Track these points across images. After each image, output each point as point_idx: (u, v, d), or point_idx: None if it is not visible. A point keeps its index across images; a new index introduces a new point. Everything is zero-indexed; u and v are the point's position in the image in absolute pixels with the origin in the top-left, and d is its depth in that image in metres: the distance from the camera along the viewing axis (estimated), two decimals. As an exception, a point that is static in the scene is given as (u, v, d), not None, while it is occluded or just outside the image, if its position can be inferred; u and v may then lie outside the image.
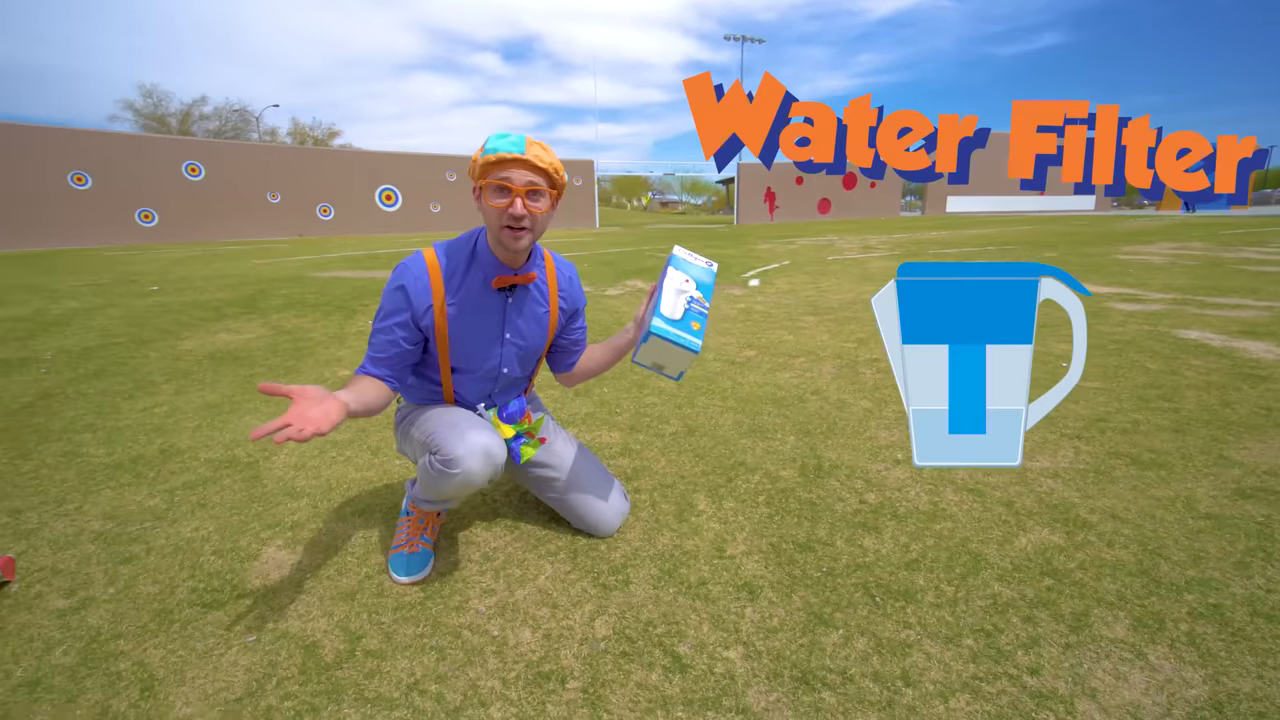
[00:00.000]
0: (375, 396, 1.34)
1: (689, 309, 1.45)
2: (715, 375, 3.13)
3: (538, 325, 1.54)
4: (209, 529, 1.70)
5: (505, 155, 1.29)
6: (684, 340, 1.42)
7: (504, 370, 1.52)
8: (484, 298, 1.45)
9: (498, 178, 1.30)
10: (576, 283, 1.63)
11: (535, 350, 1.56)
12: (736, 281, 6.89)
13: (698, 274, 1.52)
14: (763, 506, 1.77)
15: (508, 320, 1.49)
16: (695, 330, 1.44)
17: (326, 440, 2.33)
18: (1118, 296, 5.37)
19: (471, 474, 1.31)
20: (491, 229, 1.37)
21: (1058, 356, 3.32)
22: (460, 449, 1.31)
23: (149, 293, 6.74)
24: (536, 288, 1.52)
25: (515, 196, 1.31)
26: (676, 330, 1.43)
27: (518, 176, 1.31)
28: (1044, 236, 13.34)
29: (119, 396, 2.96)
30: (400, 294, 1.38)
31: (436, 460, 1.33)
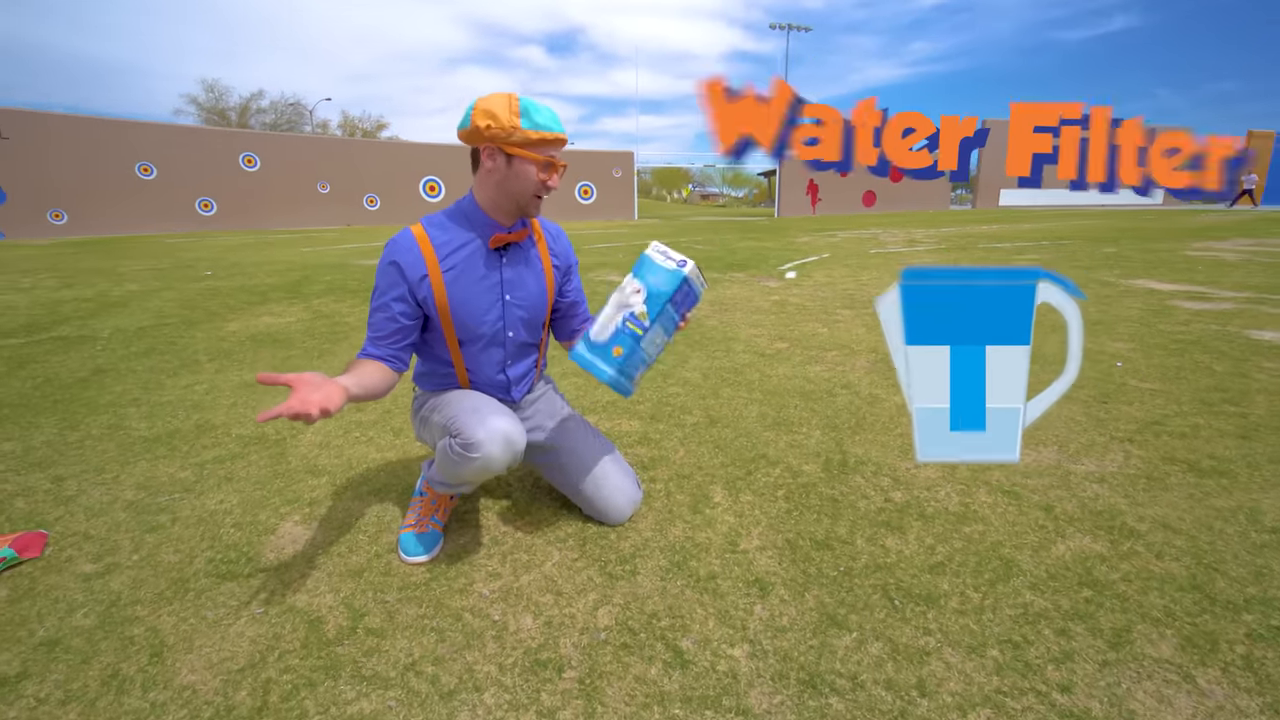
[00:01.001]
0: (377, 379, 1.34)
1: (619, 329, 1.34)
2: (743, 367, 3.06)
3: (536, 284, 1.54)
4: (232, 502, 1.74)
5: (561, 136, 1.35)
6: (596, 369, 1.35)
7: (510, 334, 1.51)
8: (480, 260, 1.45)
9: (547, 154, 1.35)
10: (564, 239, 1.65)
11: (538, 309, 1.55)
12: (773, 273, 6.75)
13: (656, 281, 1.33)
14: (781, 501, 1.71)
15: (505, 280, 1.48)
16: (615, 357, 1.33)
17: (351, 420, 2.37)
18: (1184, 294, 5.03)
19: (491, 459, 1.30)
20: (520, 194, 1.39)
21: (1111, 355, 3.12)
22: (481, 433, 1.30)
23: (202, 277, 7.02)
24: (530, 247, 1.54)
25: (555, 171, 1.37)
26: (591, 356, 1.36)
27: (559, 154, 1.37)
28: (1104, 231, 12.66)
29: (164, 374, 3.08)
30: (393, 269, 1.39)
31: (457, 444, 1.32)
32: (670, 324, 1.39)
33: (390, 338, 1.40)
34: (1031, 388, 1.20)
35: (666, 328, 1.39)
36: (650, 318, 1.33)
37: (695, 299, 1.41)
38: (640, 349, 1.34)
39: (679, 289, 1.34)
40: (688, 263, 1.34)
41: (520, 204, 1.40)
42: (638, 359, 1.36)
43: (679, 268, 1.34)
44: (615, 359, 1.34)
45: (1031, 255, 7.99)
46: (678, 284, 1.33)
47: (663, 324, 1.36)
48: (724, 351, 3.37)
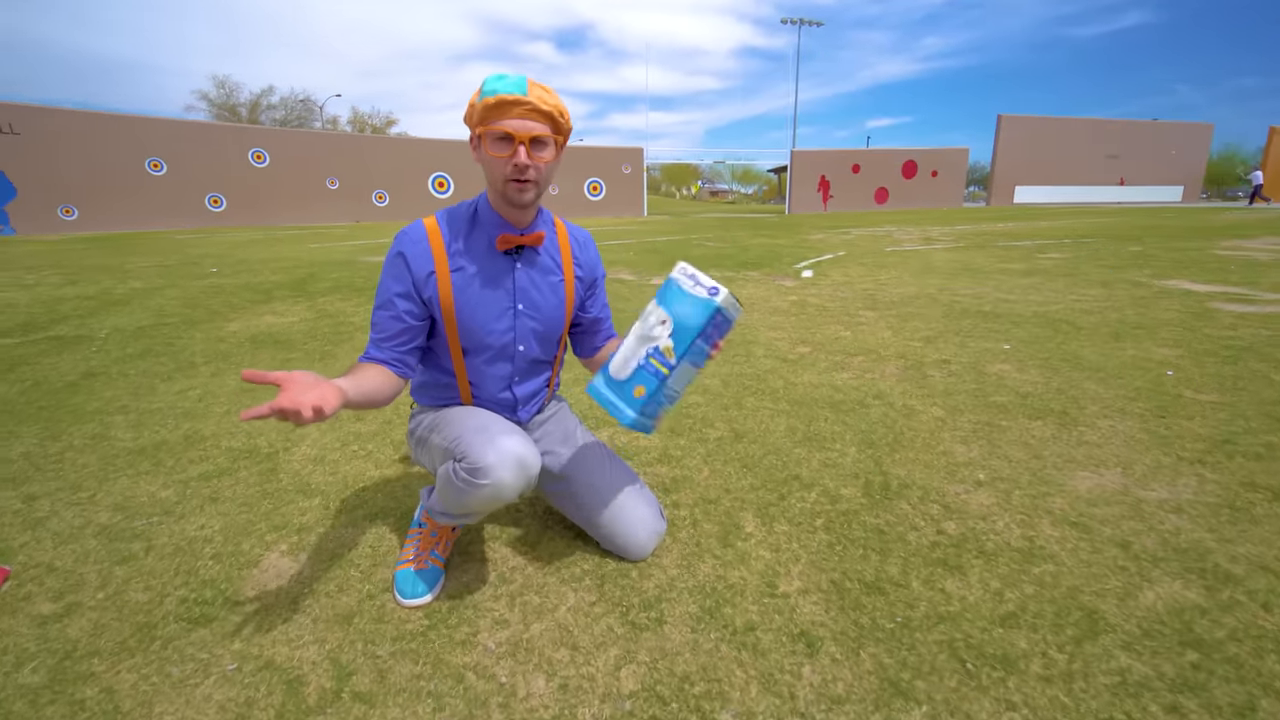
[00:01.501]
0: (379, 385, 1.19)
1: (642, 366, 1.18)
2: (765, 374, 2.88)
3: (553, 295, 1.37)
4: (214, 527, 1.58)
5: (505, 98, 1.14)
6: (616, 410, 1.20)
7: (520, 348, 1.35)
8: (490, 263, 1.29)
9: (499, 124, 1.16)
10: (593, 249, 1.47)
11: (553, 324, 1.38)
12: (788, 272, 6.55)
13: (684, 311, 1.16)
14: (821, 532, 1.53)
15: (518, 288, 1.32)
16: (636, 398, 1.18)
17: (349, 431, 2.21)
18: (1222, 296, 4.79)
19: (502, 486, 1.13)
20: (494, 183, 1.23)
21: (1159, 363, 2.92)
22: (491, 456, 1.13)
23: (207, 275, 6.91)
24: (548, 253, 1.36)
25: (518, 145, 1.17)
26: (610, 394, 1.21)
27: (519, 124, 1.16)
28: (1126, 229, 12.35)
29: (158, 378, 2.94)
30: (399, 261, 1.25)
31: (462, 468, 1.15)
32: (700, 357, 1.21)
33: (395, 339, 1.26)
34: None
35: (696, 361, 1.21)
36: (678, 354, 1.16)
37: (729, 327, 1.23)
38: (665, 388, 1.18)
39: (710, 321, 1.15)
40: (720, 290, 1.16)
41: (501, 194, 1.23)
42: (661, 398, 1.20)
43: (710, 297, 1.15)
44: (636, 400, 1.18)
45: (1053, 254, 7.73)
46: (709, 316, 1.15)
47: (691, 359, 1.19)
48: (744, 356, 3.20)
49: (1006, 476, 1.82)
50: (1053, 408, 2.37)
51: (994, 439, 2.09)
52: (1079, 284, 5.45)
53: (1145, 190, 28.44)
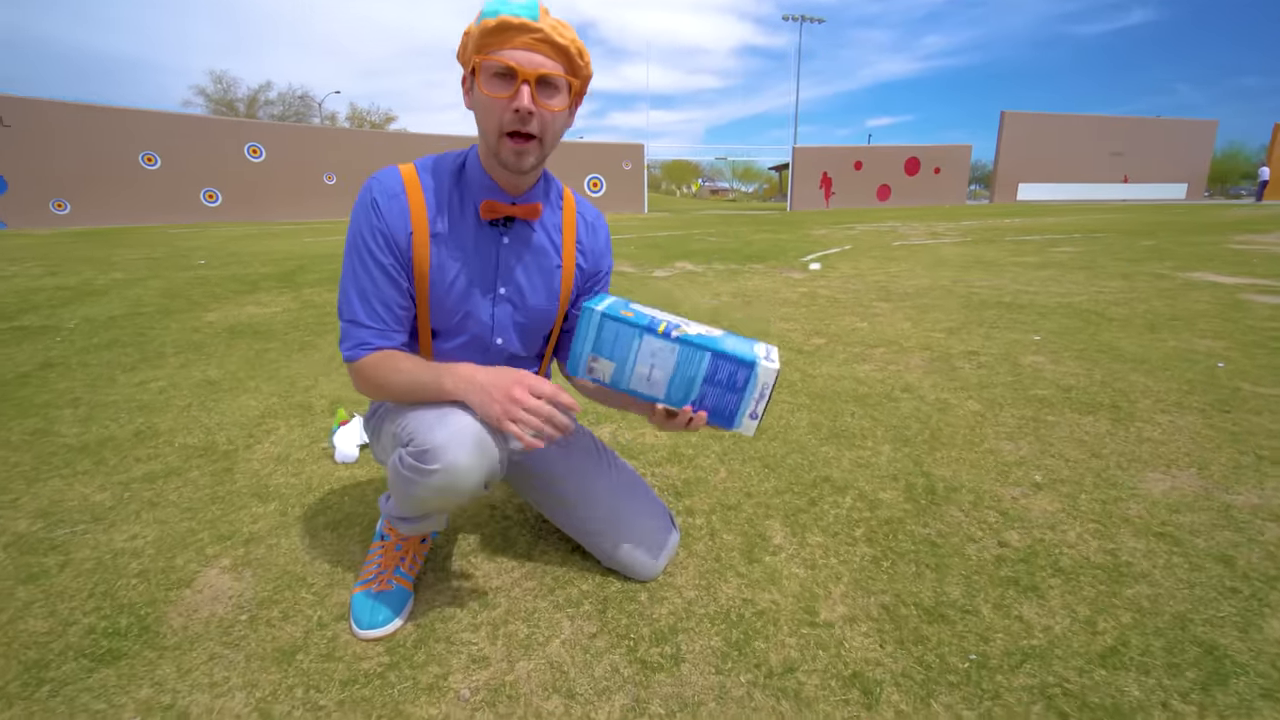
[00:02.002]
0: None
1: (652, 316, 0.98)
2: (781, 365, 2.64)
3: (544, 282, 1.11)
4: (148, 538, 1.34)
5: (510, 20, 0.87)
6: (590, 304, 0.98)
7: (497, 340, 1.10)
8: (472, 232, 1.03)
9: (498, 55, 0.89)
10: (603, 234, 1.19)
11: (540, 317, 1.13)
12: (795, 265, 6.32)
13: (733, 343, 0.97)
14: (863, 544, 1.30)
15: (502, 267, 1.06)
16: (619, 314, 0.96)
17: (321, 428, 1.98)
18: (1252, 288, 4.56)
19: (456, 471, 0.90)
20: (487, 134, 0.96)
21: (1206, 354, 2.69)
22: (440, 434, 0.90)
23: (194, 266, 6.67)
24: (545, 232, 1.10)
25: (522, 84, 0.90)
26: (598, 307, 0.98)
27: (525, 56, 0.90)
28: (1135, 225, 12.11)
29: (119, 369, 2.70)
30: (374, 214, 0.98)
31: (408, 453, 0.92)
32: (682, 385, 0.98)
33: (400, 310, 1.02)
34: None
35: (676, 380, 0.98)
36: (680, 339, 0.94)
37: (729, 415, 0.98)
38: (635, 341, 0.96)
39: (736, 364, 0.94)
40: (776, 363, 0.95)
41: (494, 151, 0.96)
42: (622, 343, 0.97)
43: (759, 358, 0.94)
44: (618, 314, 0.96)
45: (1065, 248, 7.50)
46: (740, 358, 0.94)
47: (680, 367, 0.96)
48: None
49: (1067, 478, 1.59)
50: (1101, 401, 2.14)
51: (1043, 435, 1.86)
52: (1099, 276, 5.22)
53: (1149, 188, 28.20)
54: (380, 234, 0.98)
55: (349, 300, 1.00)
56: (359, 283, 0.99)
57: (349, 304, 1.00)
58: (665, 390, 0.97)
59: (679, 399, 0.97)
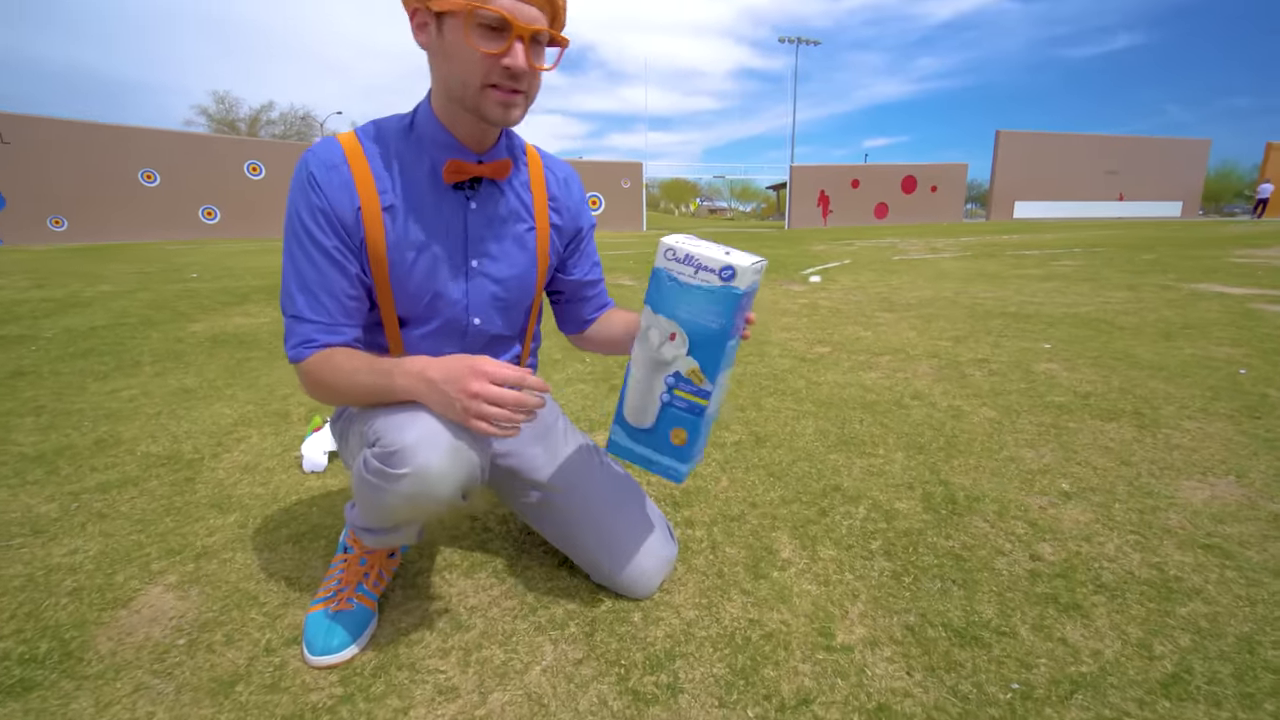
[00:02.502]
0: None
1: (669, 405, 0.85)
2: (784, 373, 2.53)
3: (520, 249, 1.00)
4: (89, 552, 1.22)
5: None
6: (660, 469, 0.88)
7: (475, 321, 0.98)
8: (432, 200, 0.91)
9: (491, 3, 0.77)
10: (577, 188, 1.09)
11: (520, 289, 1.01)
12: (795, 278, 6.24)
13: (696, 312, 0.82)
14: (880, 558, 1.17)
15: (472, 236, 0.95)
16: (680, 446, 0.86)
17: (295, 436, 1.85)
18: (1262, 298, 4.47)
19: (427, 476, 0.78)
20: (463, 86, 0.83)
21: (1226, 360, 2.58)
22: (411, 434, 0.78)
23: (185, 280, 6.57)
24: (514, 192, 0.98)
25: (515, 39, 0.79)
26: (643, 449, 0.89)
27: (522, 8, 0.79)
28: (1134, 240, 12.10)
29: (92, 377, 2.58)
30: (312, 192, 0.86)
31: (374, 455, 0.80)
32: (735, 351, 0.89)
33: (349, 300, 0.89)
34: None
35: (732, 360, 0.89)
36: (710, 374, 0.83)
37: (752, 297, 0.88)
38: (708, 418, 0.87)
39: (735, 314, 0.81)
40: (734, 268, 0.79)
41: (468, 104, 0.84)
42: (706, 429, 0.88)
43: (726, 282, 0.80)
44: (680, 449, 0.86)
45: (1067, 262, 7.44)
46: (733, 309, 0.81)
47: (727, 365, 0.86)
48: (757, 356, 2.85)
49: (1097, 486, 1.46)
50: (1123, 408, 2.02)
51: (1066, 442, 1.74)
52: (1104, 287, 5.14)
53: (1145, 206, 28.36)
54: (321, 213, 0.86)
55: (289, 293, 0.89)
56: (300, 272, 0.87)
57: (290, 297, 0.88)
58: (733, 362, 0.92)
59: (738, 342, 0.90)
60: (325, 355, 0.87)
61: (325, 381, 0.87)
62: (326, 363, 0.86)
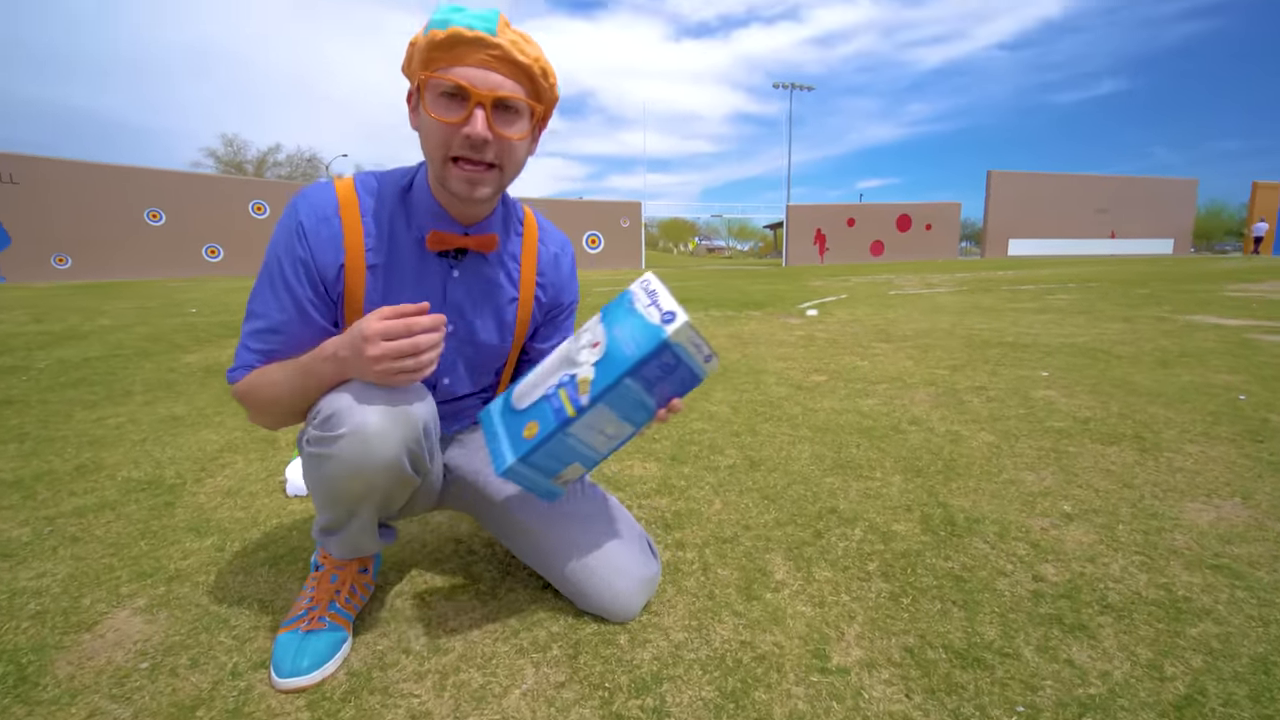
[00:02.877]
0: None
1: (546, 397, 0.83)
2: (779, 400, 2.51)
3: (497, 320, 1.00)
4: (58, 575, 1.17)
5: (463, 33, 0.77)
6: (495, 447, 0.86)
7: (445, 381, 0.99)
8: (414, 264, 0.92)
9: (448, 73, 0.78)
10: (567, 265, 1.09)
11: (492, 355, 1.03)
12: (792, 311, 6.27)
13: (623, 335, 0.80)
14: (878, 579, 1.13)
15: (450, 303, 0.95)
16: (525, 439, 0.82)
17: (283, 461, 1.82)
18: (1258, 329, 4.48)
19: (366, 433, 0.77)
20: (433, 161, 0.85)
21: (1224, 387, 2.56)
22: (345, 398, 0.78)
23: (184, 314, 6.60)
24: (502, 262, 0.99)
25: (475, 107, 0.79)
26: (498, 425, 0.88)
27: (479, 75, 0.78)
28: (1128, 275, 12.22)
29: (80, 406, 2.55)
30: (298, 240, 0.86)
31: (314, 425, 0.80)
32: (634, 408, 0.84)
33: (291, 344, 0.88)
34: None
35: (627, 413, 0.84)
36: (593, 394, 0.79)
37: (690, 379, 0.85)
38: (567, 436, 0.82)
39: (653, 357, 0.77)
40: (677, 316, 0.77)
41: (440, 178, 0.85)
42: (561, 449, 0.83)
43: (661, 324, 0.77)
44: (524, 441, 0.82)
45: (1061, 296, 7.49)
46: (651, 349, 0.76)
47: (616, 405, 0.81)
48: (753, 384, 2.83)
49: (1099, 508, 1.43)
50: (1124, 432, 1.99)
51: (1066, 466, 1.71)
52: (1099, 319, 5.16)
53: (1137, 243, 28.76)
54: (302, 264, 0.86)
55: (253, 328, 0.88)
56: (264, 309, 0.88)
57: (251, 332, 0.88)
58: (633, 423, 0.87)
59: (648, 415, 0.87)
60: (254, 375, 0.87)
61: (257, 393, 0.87)
62: (256, 380, 0.87)
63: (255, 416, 0.92)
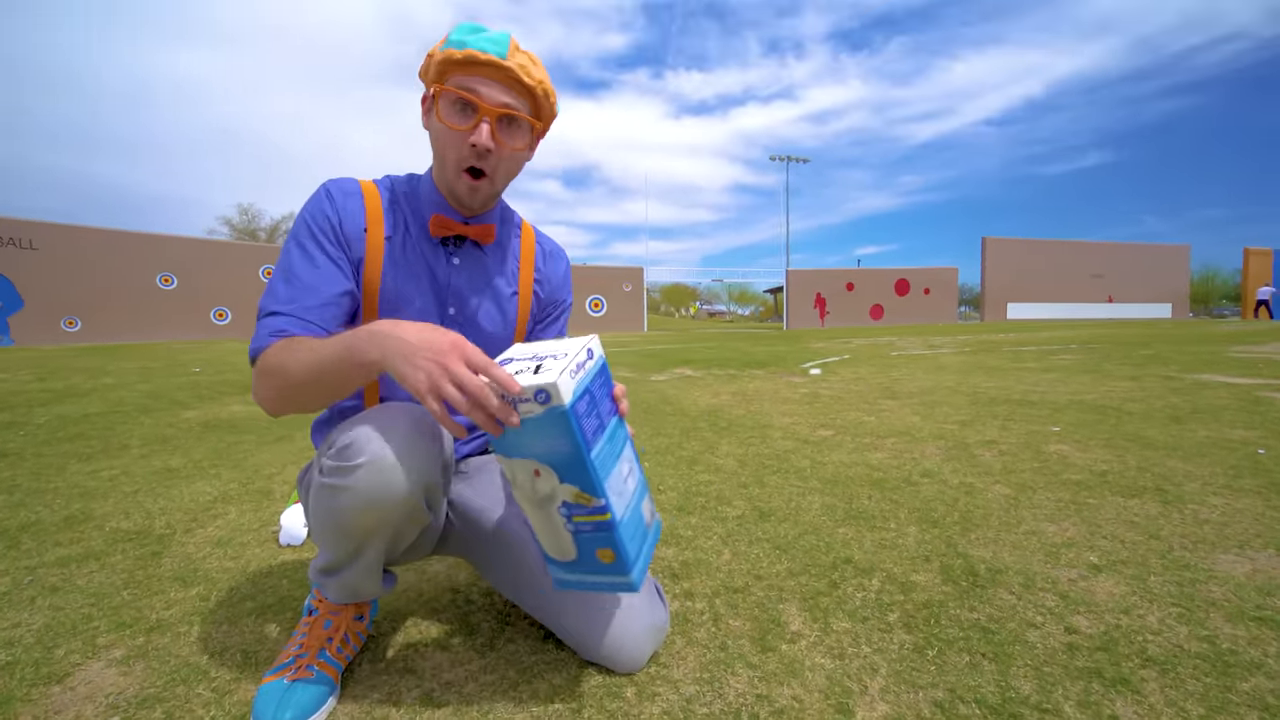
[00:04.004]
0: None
1: (577, 533, 0.79)
2: (787, 453, 2.46)
3: (498, 309, 1.04)
4: (33, 626, 1.11)
5: (477, 55, 0.84)
6: (614, 587, 0.83)
7: None
8: (419, 248, 0.97)
9: (461, 87, 0.86)
10: (563, 266, 1.15)
11: (492, 345, 1.03)
12: (795, 371, 6.26)
13: (541, 445, 0.72)
14: (899, 630, 1.06)
15: (452, 287, 0.99)
16: (610, 564, 0.80)
17: (275, 512, 1.76)
18: (1268, 387, 4.45)
19: (383, 466, 0.73)
20: (442, 163, 0.92)
21: (1242, 441, 2.51)
22: (365, 427, 0.75)
23: (188, 373, 6.62)
24: (499, 257, 1.05)
25: (482, 119, 0.87)
26: (589, 577, 0.83)
27: (490, 92, 0.87)
28: (1130, 337, 12.28)
29: (75, 459, 2.51)
30: (326, 202, 0.91)
31: (328, 458, 0.76)
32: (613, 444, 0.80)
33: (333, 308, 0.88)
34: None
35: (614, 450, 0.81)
36: (597, 491, 0.74)
37: (605, 378, 0.82)
38: (625, 522, 0.79)
39: (577, 421, 0.71)
40: (546, 391, 0.68)
41: (448, 179, 0.92)
42: (633, 530, 0.81)
43: (544, 404, 0.69)
44: (613, 565, 0.79)
45: (1065, 357, 7.50)
46: (569, 425, 0.70)
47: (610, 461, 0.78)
48: (759, 438, 2.79)
49: (1127, 559, 1.36)
50: (1144, 485, 1.94)
51: (1088, 518, 1.65)
52: (1105, 378, 5.13)
53: (1134, 308, 29.09)
54: (330, 222, 0.90)
55: (272, 291, 0.87)
56: (291, 269, 0.87)
57: (272, 295, 0.86)
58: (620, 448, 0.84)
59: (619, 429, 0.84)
60: (283, 343, 0.82)
61: (279, 368, 0.79)
62: (282, 349, 0.81)
63: (265, 389, 0.83)
